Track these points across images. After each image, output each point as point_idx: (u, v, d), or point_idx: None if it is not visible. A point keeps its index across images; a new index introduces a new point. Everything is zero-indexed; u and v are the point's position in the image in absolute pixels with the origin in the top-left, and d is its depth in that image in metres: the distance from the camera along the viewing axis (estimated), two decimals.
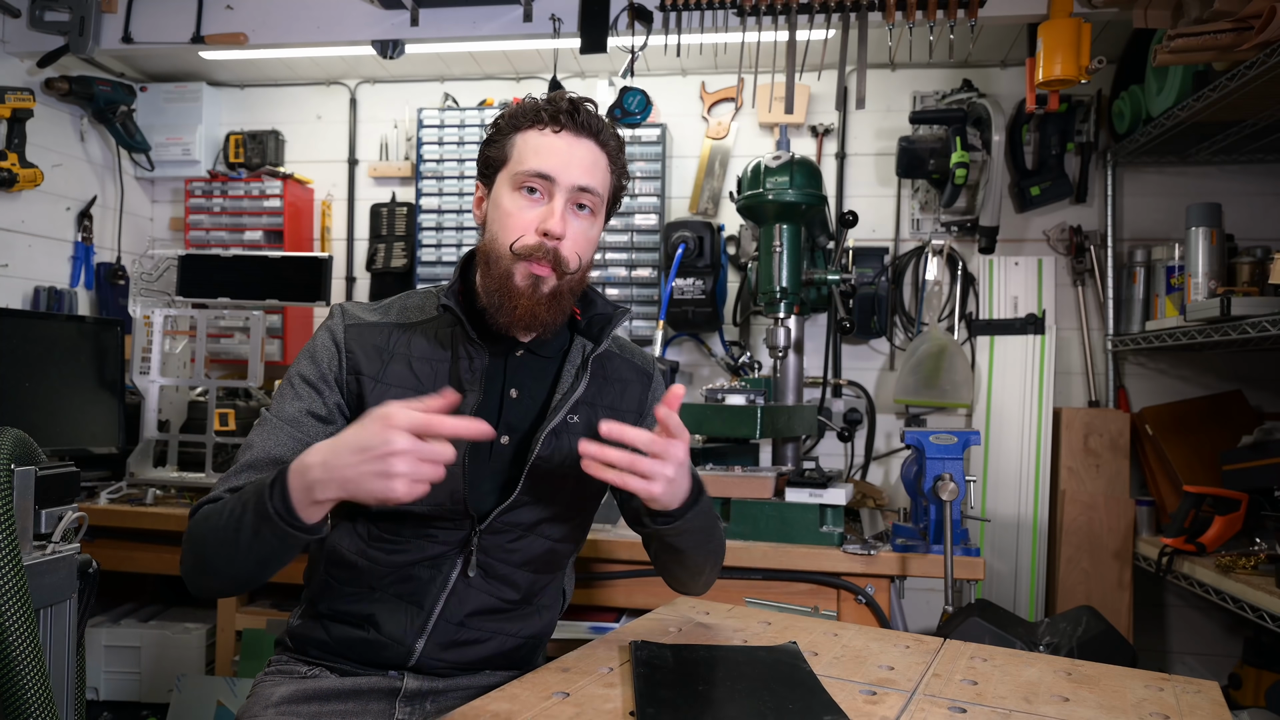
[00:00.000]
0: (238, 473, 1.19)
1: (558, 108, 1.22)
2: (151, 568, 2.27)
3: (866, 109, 2.50)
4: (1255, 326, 1.85)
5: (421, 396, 1.10)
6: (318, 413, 1.23)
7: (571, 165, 1.21)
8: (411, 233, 2.96)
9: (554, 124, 1.22)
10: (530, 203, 1.21)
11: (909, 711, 1.02)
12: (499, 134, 1.26)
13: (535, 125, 1.23)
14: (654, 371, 1.43)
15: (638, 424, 1.38)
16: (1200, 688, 1.16)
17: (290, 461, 1.07)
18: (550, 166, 1.20)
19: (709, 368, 2.89)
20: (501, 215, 1.23)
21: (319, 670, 1.27)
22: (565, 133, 1.22)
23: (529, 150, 1.22)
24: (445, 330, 1.28)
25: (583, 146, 1.23)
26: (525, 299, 1.20)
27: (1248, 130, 2.29)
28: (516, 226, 1.21)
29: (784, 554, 1.94)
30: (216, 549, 1.11)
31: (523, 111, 1.24)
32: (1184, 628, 2.64)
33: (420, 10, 2.52)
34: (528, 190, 1.21)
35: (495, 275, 1.22)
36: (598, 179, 1.24)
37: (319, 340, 1.27)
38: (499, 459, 1.26)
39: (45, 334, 2.28)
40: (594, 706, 1.02)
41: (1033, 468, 2.62)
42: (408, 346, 1.26)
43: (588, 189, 1.22)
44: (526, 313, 1.21)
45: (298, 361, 1.27)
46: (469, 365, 1.25)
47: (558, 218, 1.20)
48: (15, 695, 1.14)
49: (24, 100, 2.60)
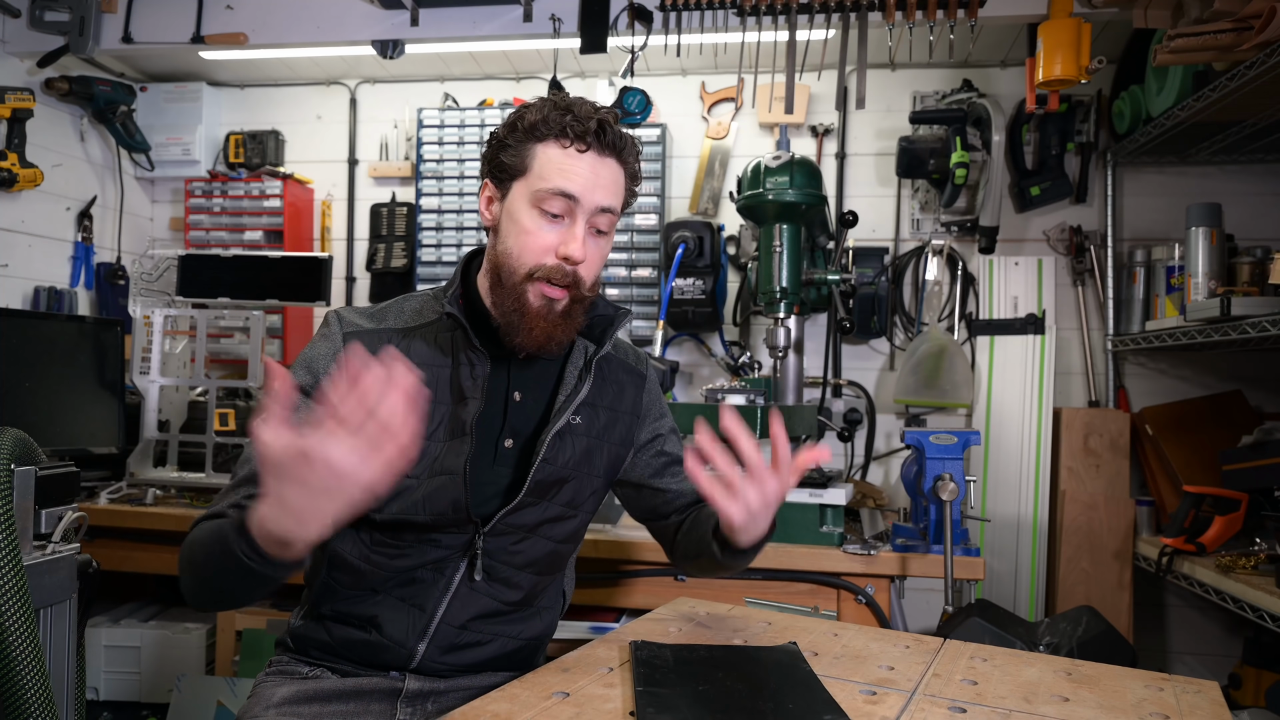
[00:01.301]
0: (236, 487, 1.15)
1: (585, 126, 1.17)
2: (151, 568, 2.27)
3: (866, 109, 2.51)
4: (1255, 326, 1.85)
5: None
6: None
7: (596, 187, 1.19)
8: (411, 233, 2.96)
9: (580, 142, 1.18)
10: (550, 223, 1.19)
11: (909, 711, 1.02)
12: (517, 139, 1.21)
13: (559, 140, 1.18)
14: (647, 371, 1.43)
15: (634, 426, 1.38)
16: (1200, 688, 1.16)
17: None
18: (576, 188, 1.18)
19: (709, 368, 2.89)
20: (519, 232, 1.20)
21: (320, 670, 1.27)
22: (591, 152, 1.19)
23: (552, 168, 1.18)
24: (445, 335, 1.27)
25: (607, 167, 1.21)
26: (542, 320, 1.19)
27: (1248, 130, 2.29)
28: (536, 249, 1.19)
29: (784, 554, 1.94)
30: (209, 576, 1.06)
31: (545, 122, 1.18)
32: (1184, 628, 2.64)
33: (420, 10, 2.52)
34: (549, 209, 1.18)
35: (508, 292, 1.20)
36: (618, 200, 1.23)
37: (318, 350, 1.24)
38: (503, 462, 1.26)
39: (45, 334, 2.28)
40: (594, 706, 1.02)
41: (1033, 468, 2.62)
42: (407, 353, 1.24)
43: (609, 209, 1.21)
44: (544, 335, 1.20)
45: (294, 372, 1.22)
46: (470, 372, 1.24)
47: (579, 243, 1.18)
48: (15, 695, 1.14)
49: (24, 100, 2.60)
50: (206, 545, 1.06)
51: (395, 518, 1.20)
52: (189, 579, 1.10)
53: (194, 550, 1.09)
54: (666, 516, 1.42)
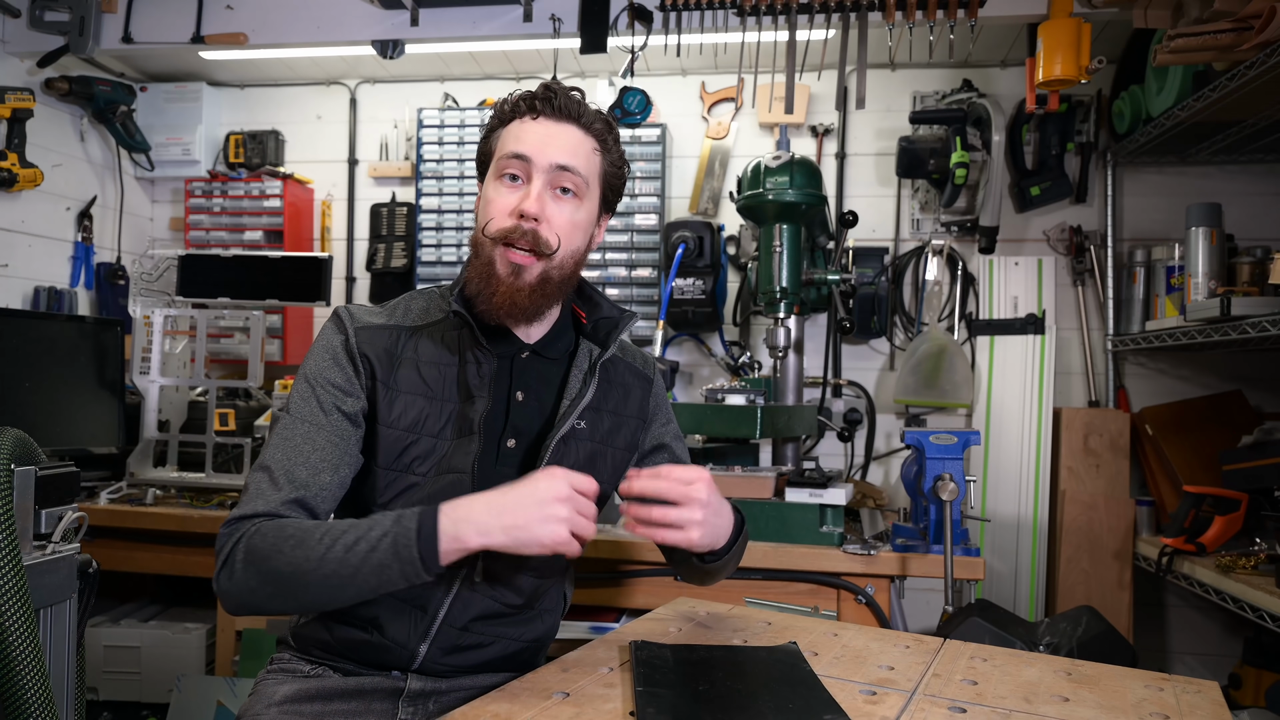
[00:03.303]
0: (277, 484, 1.14)
1: (534, 95, 1.24)
2: (151, 568, 2.27)
3: (866, 109, 2.51)
4: (1255, 326, 1.85)
5: (430, 401, 1.09)
6: (350, 414, 1.21)
7: (549, 145, 1.22)
8: (411, 233, 2.96)
9: (531, 111, 1.24)
10: (510, 189, 1.23)
11: (909, 711, 1.02)
12: (489, 131, 1.28)
13: (516, 116, 1.25)
14: (654, 375, 1.44)
15: (641, 429, 1.38)
16: (1200, 688, 1.16)
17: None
18: (526, 148, 1.21)
19: (709, 368, 2.89)
20: (484, 203, 1.25)
21: (322, 669, 1.26)
22: (544, 118, 1.23)
23: (509, 138, 1.24)
24: (452, 334, 1.27)
25: (561, 129, 1.24)
26: (504, 285, 1.21)
27: (1248, 130, 2.29)
28: (496, 212, 1.22)
29: (784, 554, 1.94)
30: (309, 576, 1.06)
31: (506, 105, 1.26)
32: (1184, 628, 2.64)
33: (420, 10, 2.52)
34: (509, 177, 1.22)
35: (479, 262, 1.23)
36: (580, 160, 1.24)
37: (333, 342, 1.24)
38: (506, 463, 1.26)
39: (45, 334, 2.28)
40: (594, 706, 1.02)
41: (1033, 468, 2.62)
42: (415, 351, 1.25)
43: (567, 168, 1.22)
44: (505, 300, 1.21)
45: (317, 364, 1.23)
46: (477, 370, 1.24)
47: (534, 198, 1.20)
48: (15, 695, 1.14)
49: (24, 100, 2.60)
50: (317, 538, 1.06)
51: None
52: (266, 574, 1.08)
53: (292, 543, 1.07)
54: None
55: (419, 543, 1.04)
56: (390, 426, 1.21)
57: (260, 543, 1.09)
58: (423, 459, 1.21)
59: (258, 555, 1.09)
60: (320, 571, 1.06)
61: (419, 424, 1.21)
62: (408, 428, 1.21)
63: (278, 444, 1.18)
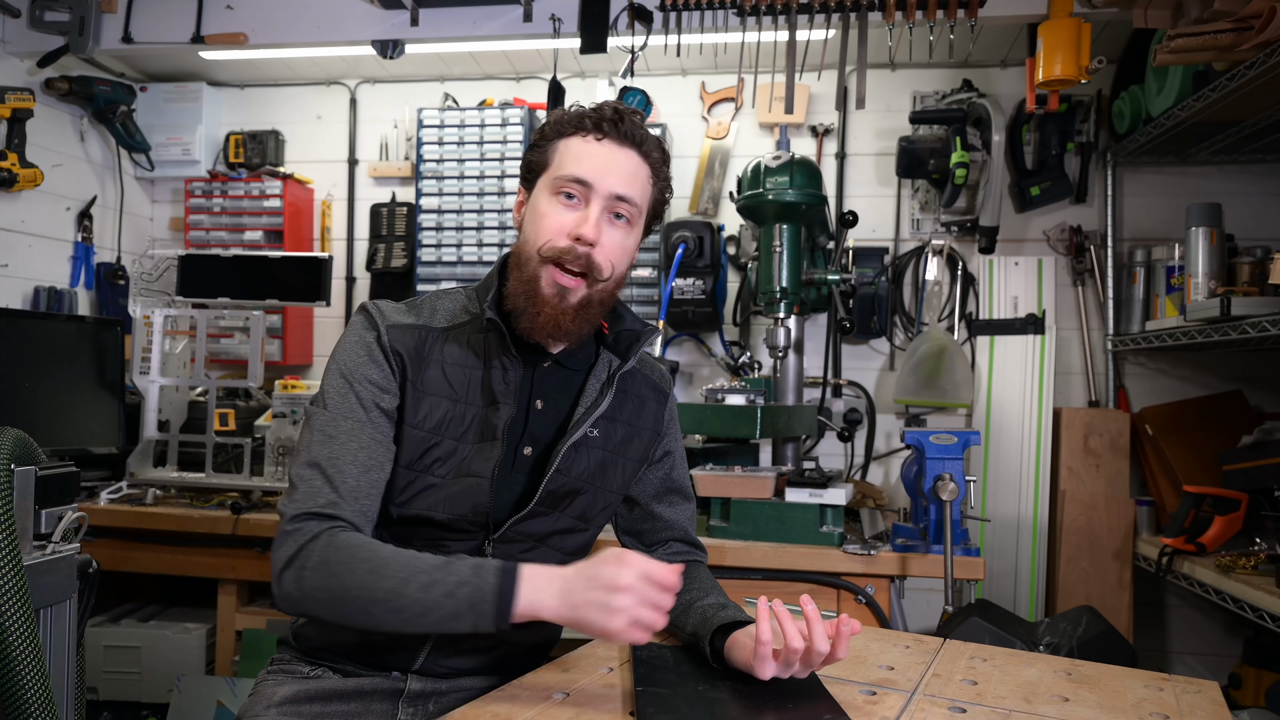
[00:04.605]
0: (332, 483, 1.13)
1: (601, 115, 1.21)
2: (151, 568, 2.27)
3: (866, 109, 2.50)
4: (1255, 326, 1.85)
5: (455, 404, 1.08)
6: (388, 411, 1.19)
7: (610, 173, 1.20)
8: (411, 233, 2.95)
9: (596, 131, 1.21)
10: (566, 207, 1.21)
11: (909, 711, 1.02)
12: (543, 139, 1.25)
13: (578, 132, 1.22)
14: (670, 390, 1.44)
15: (654, 442, 1.38)
16: (1200, 688, 1.16)
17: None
18: (588, 172, 1.19)
19: (709, 368, 2.89)
20: (536, 217, 1.22)
21: (322, 670, 1.26)
22: (608, 141, 1.21)
23: (569, 156, 1.21)
24: (478, 337, 1.26)
25: (624, 155, 1.22)
26: (549, 307, 1.19)
27: (1248, 130, 2.29)
28: (549, 229, 1.20)
29: (784, 554, 1.94)
30: (379, 605, 1.05)
31: (567, 118, 1.23)
32: (1184, 628, 2.64)
33: (420, 10, 2.52)
34: (565, 196, 1.21)
35: (523, 278, 1.21)
36: (636, 189, 1.23)
37: (366, 338, 1.22)
38: (519, 470, 1.25)
39: (45, 334, 2.28)
40: (594, 706, 1.02)
41: (1033, 468, 2.62)
42: (441, 352, 1.24)
43: (625, 198, 1.21)
44: (550, 321, 1.20)
45: (352, 359, 1.20)
46: (503, 377, 1.24)
47: (592, 223, 1.18)
48: (15, 695, 1.14)
49: (24, 100, 2.60)
50: (404, 569, 1.06)
51: (413, 513, 1.20)
52: (336, 586, 1.07)
53: (368, 566, 1.06)
54: (649, 546, 1.42)
55: (497, 601, 1.03)
56: (415, 427, 1.20)
57: (334, 556, 1.07)
58: (443, 461, 1.21)
59: (329, 570, 1.07)
60: (392, 604, 1.05)
61: (443, 426, 1.21)
62: (432, 429, 1.20)
63: (322, 440, 1.16)
